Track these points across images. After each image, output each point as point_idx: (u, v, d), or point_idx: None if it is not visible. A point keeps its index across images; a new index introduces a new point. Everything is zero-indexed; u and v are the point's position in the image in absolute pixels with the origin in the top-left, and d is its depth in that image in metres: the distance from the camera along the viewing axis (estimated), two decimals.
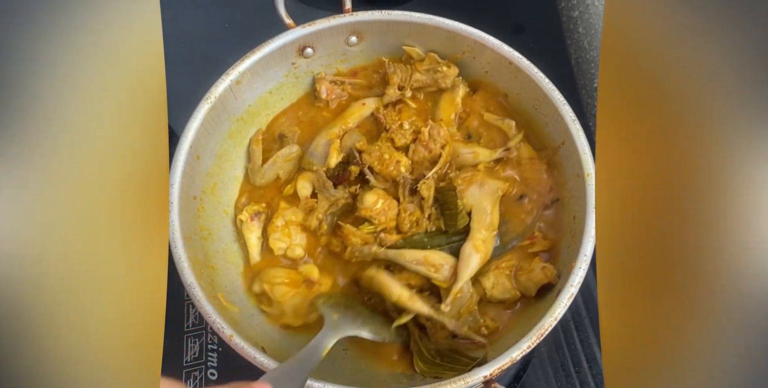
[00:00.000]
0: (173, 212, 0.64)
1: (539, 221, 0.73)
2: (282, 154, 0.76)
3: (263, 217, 0.74)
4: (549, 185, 0.73)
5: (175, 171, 0.67)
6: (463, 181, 0.72)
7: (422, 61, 0.77)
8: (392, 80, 0.77)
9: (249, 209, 0.74)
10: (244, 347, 0.59)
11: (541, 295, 0.68)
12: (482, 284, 0.68)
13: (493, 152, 0.74)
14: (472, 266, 0.68)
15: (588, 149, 0.67)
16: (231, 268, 0.73)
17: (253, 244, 0.74)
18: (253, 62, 0.72)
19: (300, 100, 0.82)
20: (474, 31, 0.73)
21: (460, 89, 0.78)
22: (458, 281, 0.67)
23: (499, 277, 0.69)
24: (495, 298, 0.69)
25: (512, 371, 0.80)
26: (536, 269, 0.68)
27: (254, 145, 0.77)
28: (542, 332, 0.59)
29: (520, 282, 0.69)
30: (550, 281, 0.67)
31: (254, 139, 0.78)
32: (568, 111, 0.69)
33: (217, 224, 0.74)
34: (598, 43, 0.84)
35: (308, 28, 0.73)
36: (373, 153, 0.72)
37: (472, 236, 0.69)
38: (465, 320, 0.68)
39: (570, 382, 0.79)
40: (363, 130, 0.78)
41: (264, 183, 0.77)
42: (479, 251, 0.68)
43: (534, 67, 0.71)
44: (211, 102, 0.70)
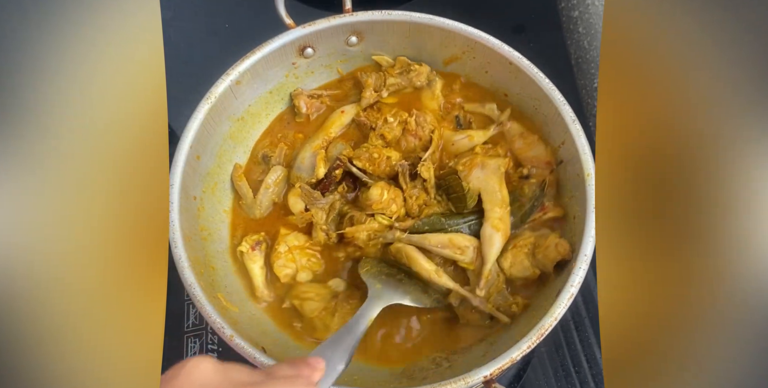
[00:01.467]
0: (173, 212, 0.64)
1: (549, 187, 0.73)
2: (271, 180, 0.75)
3: (264, 245, 0.73)
4: (546, 157, 0.74)
5: (175, 171, 0.67)
6: (464, 167, 0.72)
7: (393, 66, 0.79)
8: (367, 83, 0.78)
9: (248, 239, 0.72)
10: (244, 347, 0.59)
11: (557, 271, 0.68)
12: (500, 264, 0.69)
13: (487, 131, 0.75)
14: (496, 246, 0.68)
15: (588, 149, 0.67)
16: (231, 268, 0.73)
17: (256, 274, 0.72)
18: (253, 62, 0.72)
19: (278, 117, 0.81)
20: (474, 31, 0.73)
21: (437, 83, 0.79)
22: (486, 262, 0.68)
23: (517, 255, 0.69)
24: (515, 277, 0.69)
25: (512, 371, 0.80)
26: (551, 245, 0.68)
27: (238, 181, 0.76)
28: (542, 332, 0.59)
29: (538, 260, 0.69)
30: (564, 256, 0.67)
31: (236, 176, 0.76)
32: (568, 111, 0.69)
33: (217, 224, 0.74)
34: (598, 43, 0.84)
35: (308, 28, 0.73)
36: (362, 156, 0.73)
37: (488, 217, 0.70)
38: (494, 299, 0.69)
39: (570, 382, 0.79)
40: (347, 139, 0.78)
41: (264, 214, 0.76)
42: (499, 229, 0.69)
43: (534, 67, 0.71)
44: (211, 102, 0.70)
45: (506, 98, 0.78)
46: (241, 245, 0.72)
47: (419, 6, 0.78)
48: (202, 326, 0.80)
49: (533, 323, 0.61)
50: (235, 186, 0.76)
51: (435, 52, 0.78)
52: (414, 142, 0.75)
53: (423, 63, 0.78)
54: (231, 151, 0.77)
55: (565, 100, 0.70)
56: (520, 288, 0.71)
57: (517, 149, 0.75)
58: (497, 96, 0.78)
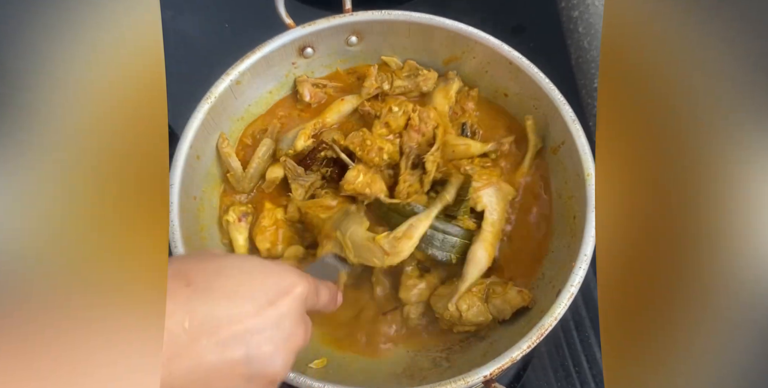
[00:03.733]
0: (173, 211, 0.64)
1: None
2: (260, 154, 0.74)
3: (250, 218, 0.73)
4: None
5: (175, 171, 0.67)
6: (481, 180, 0.70)
7: (401, 69, 0.78)
8: (370, 72, 0.77)
9: (236, 210, 0.73)
10: None
11: (513, 319, 0.68)
12: (459, 306, 0.67)
13: (485, 145, 0.74)
14: (479, 268, 0.67)
15: (588, 149, 0.67)
16: None
17: (240, 245, 0.72)
18: (253, 62, 0.72)
19: (278, 103, 0.81)
20: (474, 31, 0.73)
21: (455, 83, 0.78)
22: (465, 281, 0.67)
23: (472, 299, 0.67)
24: (469, 321, 0.67)
25: (512, 371, 0.80)
26: (511, 292, 0.68)
27: (226, 153, 0.74)
28: (542, 331, 0.59)
29: (494, 306, 0.68)
30: (527, 304, 0.67)
31: (222, 147, 0.74)
32: (568, 111, 0.69)
33: (218, 224, 0.74)
34: (598, 43, 0.84)
35: (308, 28, 0.73)
36: (355, 140, 0.71)
37: (483, 237, 0.68)
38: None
39: (570, 382, 0.79)
40: (345, 131, 0.77)
41: (252, 187, 0.76)
42: (489, 254, 0.68)
43: (534, 67, 0.71)
44: (211, 102, 0.70)
45: (506, 98, 0.78)
46: (228, 214, 0.72)
47: (419, 6, 0.78)
48: None
49: (533, 322, 0.61)
50: (223, 157, 0.74)
51: (435, 52, 0.78)
52: (417, 138, 0.74)
53: (431, 69, 0.78)
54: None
55: (565, 100, 0.70)
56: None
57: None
58: (515, 120, 0.78)
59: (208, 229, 0.72)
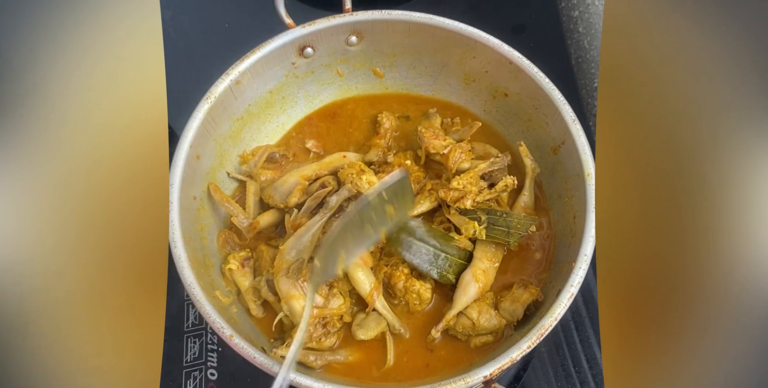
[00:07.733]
0: (173, 211, 0.64)
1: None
2: (253, 194, 0.75)
3: (252, 262, 0.72)
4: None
5: (175, 171, 0.67)
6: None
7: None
8: (379, 133, 0.78)
9: (236, 257, 0.71)
10: (244, 347, 0.59)
11: (526, 319, 0.68)
12: (468, 315, 0.67)
13: (485, 161, 0.73)
14: (469, 295, 0.67)
15: (588, 149, 0.67)
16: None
17: (247, 289, 0.71)
18: (253, 62, 0.72)
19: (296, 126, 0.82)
20: (474, 31, 0.73)
21: (436, 119, 0.80)
22: (452, 308, 0.67)
23: (482, 306, 0.68)
24: (483, 327, 0.67)
25: (512, 371, 0.80)
26: (518, 291, 0.68)
27: (224, 201, 0.73)
28: (542, 332, 0.59)
29: (504, 309, 0.68)
30: (536, 298, 0.68)
31: (219, 197, 0.73)
32: (568, 111, 0.69)
33: (217, 224, 0.74)
34: (598, 43, 0.84)
35: (308, 28, 0.73)
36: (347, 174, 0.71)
37: (474, 264, 0.69)
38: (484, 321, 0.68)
39: (570, 382, 0.79)
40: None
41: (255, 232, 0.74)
42: (479, 281, 0.68)
43: (534, 67, 0.71)
44: (211, 102, 0.70)
45: (506, 98, 0.78)
46: (228, 263, 0.70)
47: (419, 6, 0.77)
48: (202, 326, 0.80)
49: (533, 323, 0.61)
50: (222, 206, 0.74)
51: (435, 52, 0.78)
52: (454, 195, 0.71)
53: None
54: (231, 151, 0.77)
55: (565, 100, 0.70)
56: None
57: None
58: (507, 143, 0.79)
59: (208, 229, 0.72)
